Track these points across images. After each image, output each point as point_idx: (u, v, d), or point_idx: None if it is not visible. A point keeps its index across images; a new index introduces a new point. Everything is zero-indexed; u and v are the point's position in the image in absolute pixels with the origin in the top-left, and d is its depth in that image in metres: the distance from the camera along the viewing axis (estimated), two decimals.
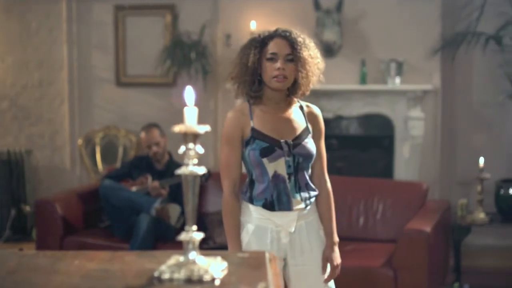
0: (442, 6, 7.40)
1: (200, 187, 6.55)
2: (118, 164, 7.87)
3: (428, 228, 5.40)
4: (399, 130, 7.43)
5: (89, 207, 6.38)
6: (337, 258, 3.52)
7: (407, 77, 7.31)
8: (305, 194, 3.43)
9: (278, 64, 3.35)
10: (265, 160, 3.36)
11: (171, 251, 2.06)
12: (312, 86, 3.46)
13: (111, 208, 6.07)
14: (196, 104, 1.92)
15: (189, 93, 1.92)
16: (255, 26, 7.48)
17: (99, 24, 8.32)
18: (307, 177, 3.46)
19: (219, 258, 1.92)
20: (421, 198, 6.08)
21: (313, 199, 3.48)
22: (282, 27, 3.53)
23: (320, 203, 3.53)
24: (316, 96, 5.35)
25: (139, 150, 7.98)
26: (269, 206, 3.40)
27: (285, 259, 3.46)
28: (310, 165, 3.47)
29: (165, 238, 5.91)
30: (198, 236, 1.92)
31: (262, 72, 3.40)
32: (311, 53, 3.43)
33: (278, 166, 3.37)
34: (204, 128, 1.87)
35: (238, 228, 3.45)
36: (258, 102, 3.47)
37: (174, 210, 6.08)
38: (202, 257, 1.90)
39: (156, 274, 1.86)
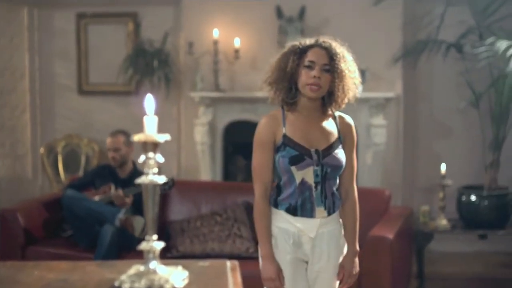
0: (404, 15, 7.46)
1: (163, 196, 6.46)
2: (80, 173, 7.82)
3: (390, 235, 5.42)
4: (361, 137, 7.46)
5: (52, 217, 6.31)
6: (356, 267, 3.62)
7: (369, 85, 7.34)
8: (330, 203, 3.47)
9: (314, 72, 3.39)
10: (293, 168, 3.40)
11: (132, 260, 2.06)
12: (347, 101, 3.52)
13: (74, 218, 6.02)
14: (159, 112, 1.91)
15: (149, 102, 1.91)
16: (217, 34, 7.49)
17: (61, 32, 8.28)
18: (334, 187, 3.50)
19: (180, 267, 1.92)
20: (384, 204, 6.10)
21: (337, 209, 3.53)
22: (324, 38, 3.53)
23: (344, 213, 3.59)
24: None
25: (101, 159, 7.94)
26: (292, 211, 3.45)
27: (307, 262, 3.52)
28: (338, 176, 3.51)
29: (129, 248, 5.87)
30: (159, 245, 1.91)
31: (298, 79, 3.43)
32: (349, 66, 3.50)
33: (306, 174, 3.42)
34: (163, 137, 1.87)
35: (269, 230, 3.48)
36: (293, 109, 3.50)
37: (138, 222, 6.04)
38: (163, 266, 1.90)
39: (116, 284, 1.85)
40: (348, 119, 3.61)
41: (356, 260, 3.62)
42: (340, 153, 3.47)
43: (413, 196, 7.70)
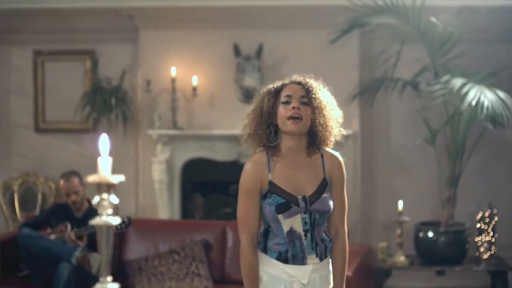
0: (360, 53, 7.53)
1: (121, 234, 6.41)
2: (37, 212, 7.74)
3: (349, 272, 5.41)
4: None
5: (7, 256, 6.23)
6: None
7: None
8: (321, 250, 3.36)
9: (293, 104, 3.30)
10: (280, 216, 3.29)
11: None
12: (334, 139, 3.43)
13: (30, 257, 5.94)
14: (116, 151, 1.91)
15: (104, 142, 1.89)
16: (175, 72, 7.49)
17: (17, 69, 8.21)
18: (323, 232, 3.39)
19: None
20: None
21: (328, 253, 3.41)
22: (297, 76, 3.45)
23: (334, 253, 3.44)
24: (236, 140, 5.35)
25: (58, 197, 7.85)
26: (283, 259, 3.32)
27: None
28: (326, 219, 3.39)
29: (87, 286, 5.80)
30: (113, 287, 1.89)
31: (277, 119, 3.34)
32: (327, 98, 3.43)
33: (294, 222, 3.30)
34: (118, 178, 1.85)
35: (257, 282, 3.36)
36: (277, 153, 3.37)
37: (95, 259, 5.98)
38: None
39: None
40: (335, 156, 3.50)
41: None
42: (327, 197, 3.35)
43: (371, 233, 7.71)
